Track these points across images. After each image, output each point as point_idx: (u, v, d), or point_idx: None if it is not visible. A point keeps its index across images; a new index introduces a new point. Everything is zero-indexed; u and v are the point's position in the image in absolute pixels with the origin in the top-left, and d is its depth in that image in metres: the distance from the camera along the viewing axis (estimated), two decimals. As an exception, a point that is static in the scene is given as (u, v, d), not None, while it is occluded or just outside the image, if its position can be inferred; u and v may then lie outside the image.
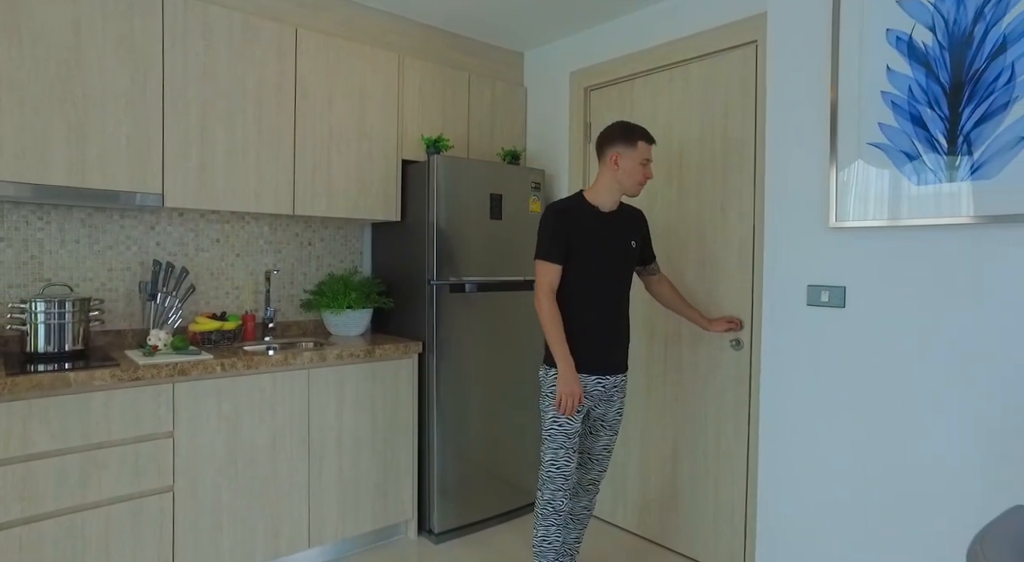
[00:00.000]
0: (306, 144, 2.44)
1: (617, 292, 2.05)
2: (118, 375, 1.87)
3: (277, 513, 2.21)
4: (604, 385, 2.05)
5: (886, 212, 1.69)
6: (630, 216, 2.12)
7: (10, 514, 1.72)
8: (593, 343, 2.01)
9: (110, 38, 2.01)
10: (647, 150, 2.01)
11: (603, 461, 2.16)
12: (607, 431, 2.13)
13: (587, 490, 2.19)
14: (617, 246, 2.03)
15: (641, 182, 2.03)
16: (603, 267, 2.01)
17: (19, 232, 2.14)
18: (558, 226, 1.97)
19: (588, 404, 2.04)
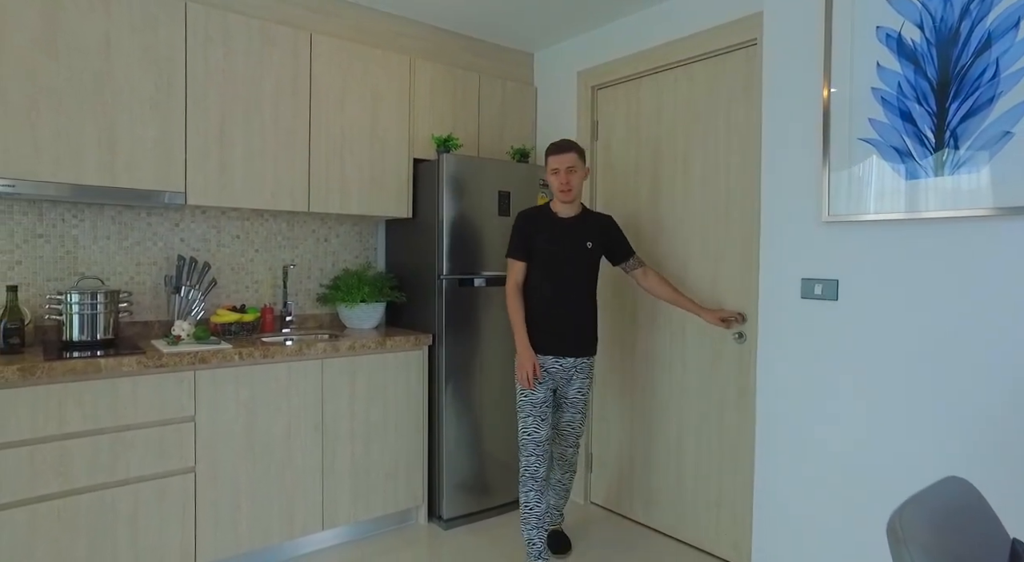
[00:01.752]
0: (320, 144, 2.55)
1: (574, 286, 2.30)
2: (144, 362, 2.00)
3: (292, 496, 2.32)
4: (563, 365, 2.29)
5: (877, 206, 1.73)
6: (593, 221, 2.36)
7: (50, 487, 1.85)
8: (549, 328, 2.29)
9: (137, 48, 2.14)
10: (554, 161, 2.26)
11: (568, 437, 2.39)
12: (570, 408, 2.36)
13: (558, 465, 2.43)
14: (572, 247, 2.29)
15: (559, 189, 2.26)
16: (559, 264, 2.29)
17: (56, 229, 2.28)
18: (523, 229, 2.31)
19: (548, 378, 2.29)
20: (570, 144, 2.27)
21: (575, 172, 2.26)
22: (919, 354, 1.71)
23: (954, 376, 1.65)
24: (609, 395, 2.94)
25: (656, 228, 2.71)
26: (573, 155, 2.25)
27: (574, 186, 2.26)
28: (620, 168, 2.88)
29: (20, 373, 1.80)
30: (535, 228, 2.31)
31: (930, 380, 1.70)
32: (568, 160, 2.24)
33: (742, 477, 2.36)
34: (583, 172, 2.29)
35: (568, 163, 2.24)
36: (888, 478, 1.80)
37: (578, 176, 2.27)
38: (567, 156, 2.25)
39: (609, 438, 2.93)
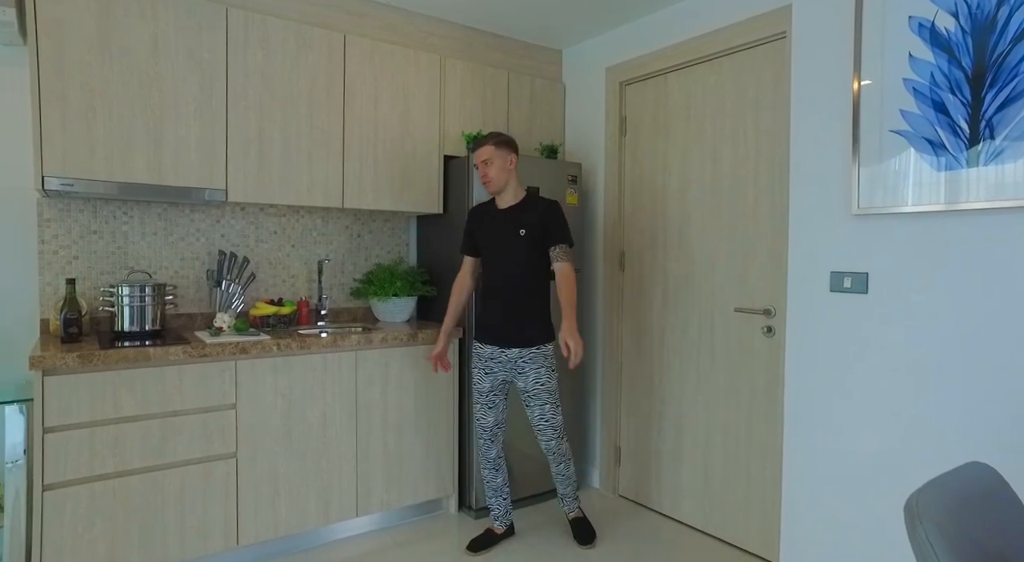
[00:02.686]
0: (354, 142, 2.62)
1: (510, 276, 2.33)
2: (189, 352, 2.10)
3: (328, 483, 2.41)
4: (508, 356, 2.33)
5: (908, 198, 1.71)
6: (530, 208, 2.34)
7: (106, 467, 1.97)
8: (488, 318, 2.38)
9: (182, 51, 2.24)
10: (475, 156, 2.35)
11: (544, 431, 2.37)
12: (534, 401, 2.34)
13: (551, 457, 2.42)
14: (505, 236, 2.32)
15: (481, 182, 2.35)
16: (494, 255, 2.35)
17: (108, 225, 2.41)
18: (467, 224, 2.47)
19: (495, 369, 2.36)
20: (487, 137, 2.32)
21: (491, 164, 2.30)
22: (951, 346, 1.69)
23: (986, 369, 1.63)
24: (637, 388, 2.95)
25: (685, 223, 2.71)
26: (488, 147, 2.30)
27: (492, 177, 2.30)
28: (648, 163, 2.89)
29: (80, 360, 1.91)
30: (477, 222, 2.41)
31: (961, 373, 1.68)
32: (483, 154, 2.31)
33: (771, 471, 2.35)
34: (503, 162, 2.31)
35: (483, 156, 2.31)
36: (918, 472, 1.78)
37: (495, 167, 2.30)
38: (481, 150, 2.32)
39: (637, 430, 2.95)
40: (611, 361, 3.05)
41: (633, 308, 2.97)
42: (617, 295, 3.04)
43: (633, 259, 2.98)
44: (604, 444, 3.09)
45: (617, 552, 2.46)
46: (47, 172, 2.02)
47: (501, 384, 2.38)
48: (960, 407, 1.68)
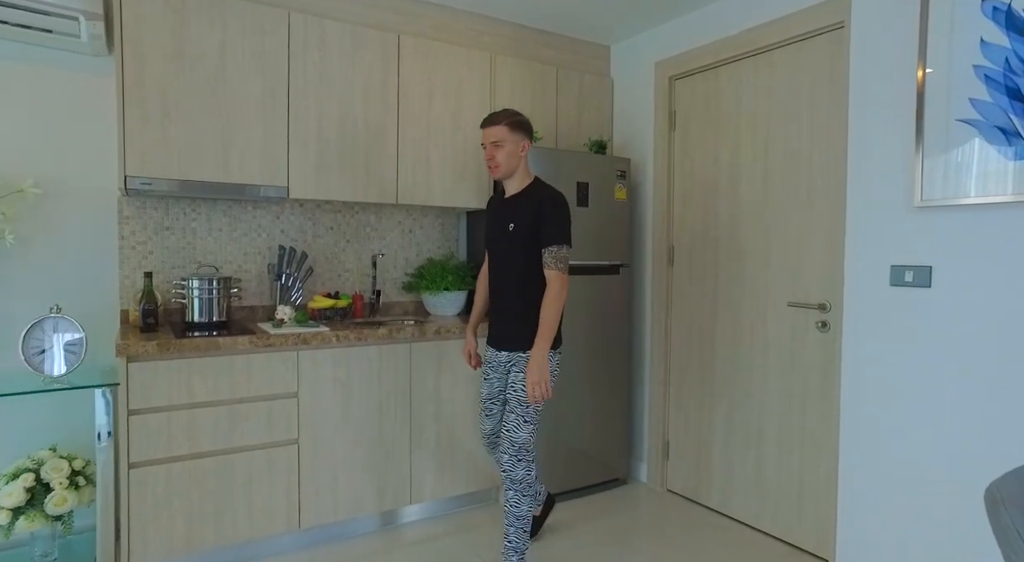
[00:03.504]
0: (407, 139, 2.69)
1: (504, 272, 2.13)
2: (255, 342, 2.20)
3: (383, 470, 2.49)
4: (499, 359, 2.18)
5: (978, 189, 1.67)
6: (526, 199, 2.06)
7: (182, 449, 2.09)
8: (489, 318, 2.25)
9: (247, 55, 2.34)
10: (483, 135, 2.09)
11: (501, 443, 2.08)
12: (507, 409, 2.11)
13: (502, 477, 2.13)
14: (500, 229, 2.13)
15: (486, 164, 2.11)
16: (492, 248, 2.20)
17: (179, 222, 2.54)
18: (485, 215, 2.27)
19: (491, 373, 2.22)
20: (499, 116, 2.04)
21: (501, 147, 2.02)
22: (1019, 340, 1.65)
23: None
24: (686, 382, 2.94)
25: (735, 216, 2.69)
26: (501, 127, 2.02)
27: (501, 162, 2.03)
28: (698, 157, 2.87)
29: (158, 348, 2.03)
30: (487, 211, 2.29)
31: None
32: (494, 133, 2.02)
33: (826, 468, 2.32)
34: (515, 147, 2.03)
35: (494, 136, 2.02)
36: (983, 470, 1.74)
37: (505, 152, 2.02)
38: (493, 129, 2.03)
39: (686, 425, 2.94)
40: (659, 356, 3.05)
41: (682, 303, 2.96)
42: (666, 290, 3.03)
43: (682, 253, 2.97)
44: (652, 439, 3.09)
45: (667, 546, 2.47)
46: (129, 172, 2.15)
47: (498, 391, 2.22)
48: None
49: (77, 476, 2.11)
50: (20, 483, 1.98)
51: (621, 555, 2.39)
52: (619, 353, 3.04)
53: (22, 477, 2.00)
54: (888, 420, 1.98)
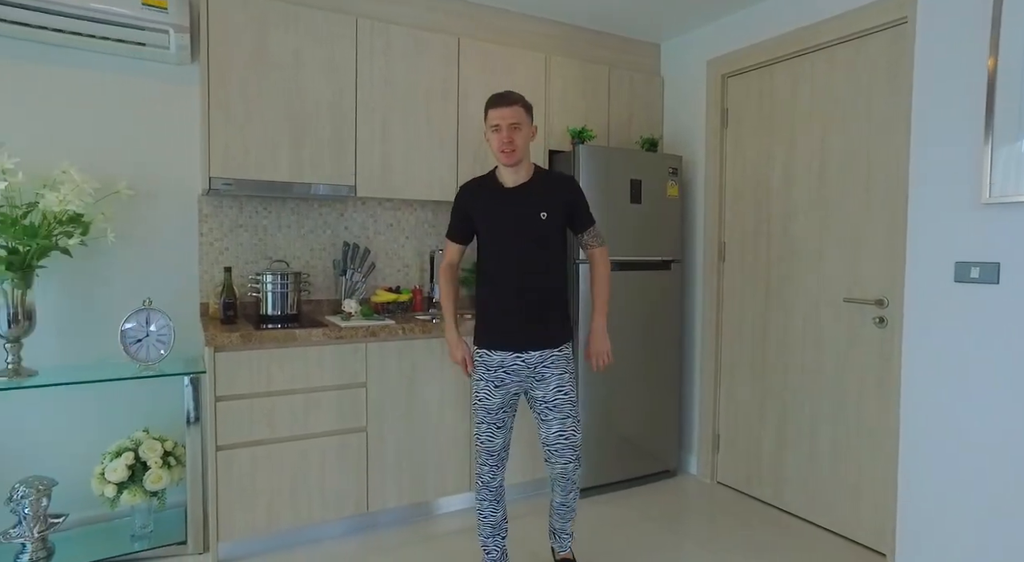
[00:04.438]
0: (467, 139, 2.78)
1: (529, 266, 1.95)
2: (328, 334, 2.32)
3: (444, 458, 2.59)
4: (526, 361, 1.96)
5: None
6: (547, 186, 1.98)
7: (262, 434, 2.22)
8: (501, 318, 1.97)
9: (318, 60, 2.46)
10: (495, 115, 1.90)
11: (563, 452, 1.97)
12: (556, 414, 1.97)
13: (558, 485, 2.04)
14: (521, 219, 1.94)
15: (499, 149, 1.91)
16: (506, 242, 1.96)
17: (252, 220, 2.68)
18: (457, 204, 2.07)
19: (508, 379, 1.98)
20: (515, 96, 1.92)
21: (519, 130, 1.89)
22: (1095, 339, 1.66)
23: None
24: (737, 375, 2.98)
25: (790, 213, 2.72)
26: (518, 109, 1.90)
27: (519, 146, 1.89)
28: (751, 155, 2.90)
29: (241, 339, 2.16)
30: (475, 203, 2.01)
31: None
32: (512, 114, 1.88)
33: (884, 463, 2.35)
34: (530, 130, 1.94)
35: (512, 118, 1.88)
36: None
37: (523, 135, 1.90)
38: (511, 110, 1.88)
39: (737, 418, 2.99)
40: (710, 350, 3.09)
41: (733, 298, 3.00)
42: (717, 285, 3.07)
43: (734, 249, 3.00)
44: (702, 431, 3.14)
45: (720, 537, 2.53)
46: (213, 174, 2.28)
47: (512, 399, 2.01)
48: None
49: (168, 456, 2.26)
50: (123, 461, 2.14)
51: (675, 545, 2.45)
52: (670, 347, 3.09)
53: (124, 456, 2.16)
54: (950, 417, 2.00)
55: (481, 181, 2.05)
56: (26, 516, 2.04)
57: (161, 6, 2.20)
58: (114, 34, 2.17)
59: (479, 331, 2.04)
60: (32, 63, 2.28)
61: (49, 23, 2.06)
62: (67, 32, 2.12)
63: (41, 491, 2.06)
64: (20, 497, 2.03)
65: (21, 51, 2.25)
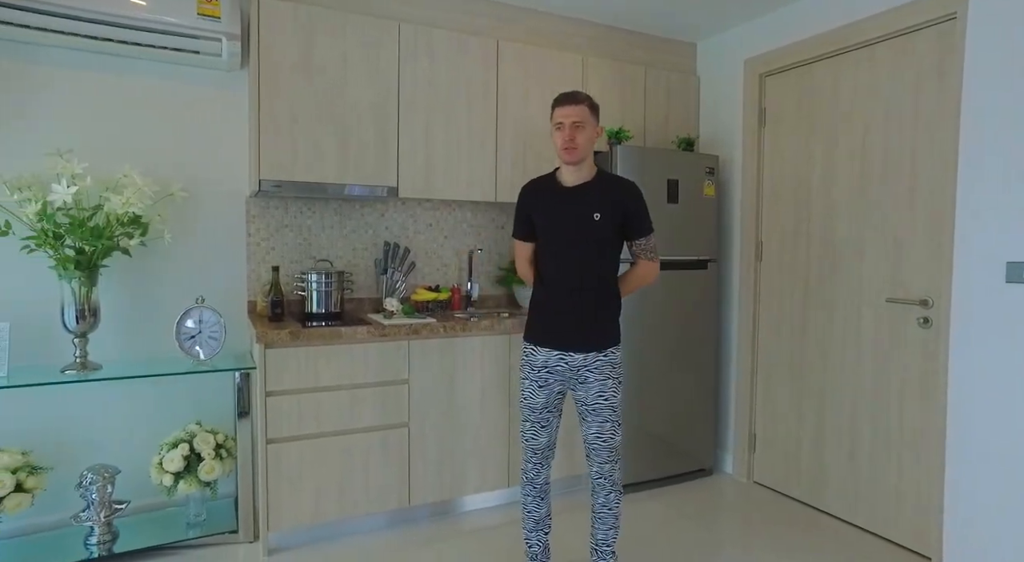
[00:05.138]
0: (506, 139, 2.82)
1: (580, 266, 1.95)
2: (372, 332, 2.39)
3: (484, 454, 2.64)
4: (569, 363, 1.96)
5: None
6: (605, 188, 1.97)
7: (310, 429, 2.30)
8: (549, 317, 1.99)
9: (363, 64, 2.52)
10: (559, 113, 1.91)
11: (600, 452, 1.99)
12: (594, 417, 1.98)
13: (598, 484, 2.04)
14: (575, 220, 1.94)
15: (561, 147, 1.92)
16: (560, 242, 1.97)
17: (296, 220, 2.76)
18: (520, 204, 2.09)
19: (552, 379, 1.99)
20: (582, 95, 1.93)
21: (582, 129, 1.89)
22: None
23: None
24: (774, 374, 2.97)
25: (829, 212, 2.70)
26: (583, 108, 1.90)
27: (580, 144, 1.89)
28: (790, 154, 2.89)
29: (290, 336, 2.24)
30: (536, 201, 2.03)
31: None
32: (576, 113, 1.89)
33: (927, 466, 2.32)
34: (594, 131, 1.94)
35: (575, 116, 1.88)
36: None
37: (586, 134, 1.90)
38: (575, 108, 1.89)
39: (774, 418, 2.98)
40: (746, 349, 3.09)
41: (771, 297, 2.99)
42: (754, 284, 3.06)
43: (771, 249, 2.99)
44: (738, 431, 3.14)
45: (758, 537, 2.53)
46: (263, 176, 2.36)
47: (556, 398, 2.04)
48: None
49: (220, 448, 2.35)
50: (179, 452, 2.24)
51: (714, 544, 2.46)
52: (706, 346, 3.09)
53: (180, 447, 2.25)
54: (1001, 418, 1.97)
55: (542, 180, 2.07)
56: (93, 501, 2.15)
57: (215, 15, 2.29)
58: (172, 43, 2.26)
59: (529, 326, 2.07)
60: (96, 73, 2.38)
61: (115, 35, 2.16)
62: (130, 43, 2.22)
63: (106, 478, 2.17)
64: (88, 483, 2.14)
65: (87, 62, 2.36)
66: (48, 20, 2.07)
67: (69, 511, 2.32)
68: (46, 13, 2.05)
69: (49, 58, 2.31)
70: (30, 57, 2.28)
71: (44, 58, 2.30)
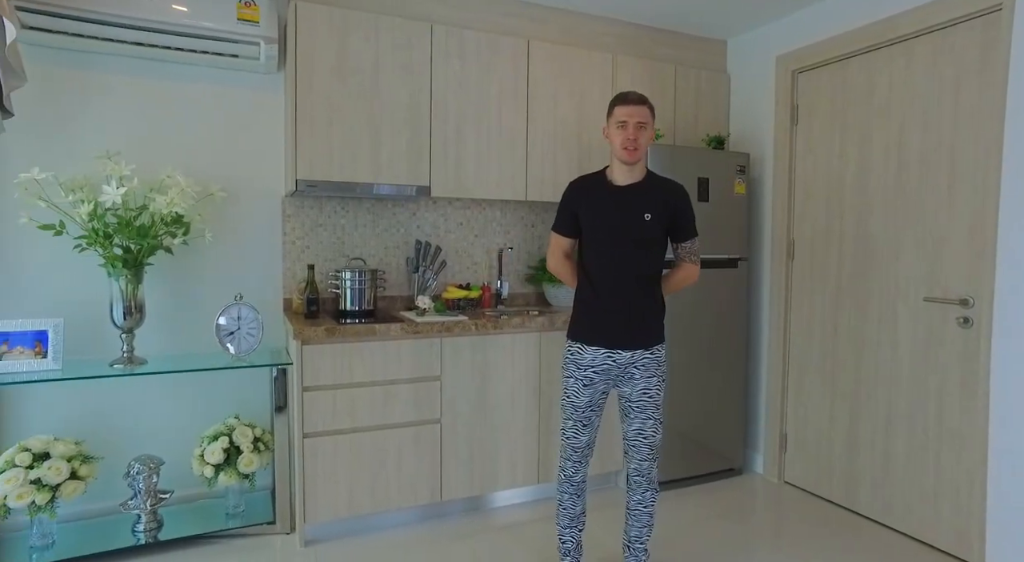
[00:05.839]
0: (536, 139, 2.84)
1: (629, 265, 1.97)
2: (405, 329, 2.43)
3: (514, 450, 2.66)
4: (616, 360, 1.98)
5: None
6: (655, 189, 1.99)
7: (344, 424, 2.34)
8: (596, 314, 2.00)
9: (396, 66, 2.56)
10: (623, 112, 1.93)
11: (640, 449, 2.02)
12: (638, 414, 2.00)
13: (635, 482, 2.06)
14: (625, 219, 1.96)
15: (622, 146, 1.92)
16: (609, 240, 1.98)
17: (330, 219, 2.82)
18: (566, 199, 2.08)
19: (597, 378, 2.00)
20: (643, 96, 1.96)
21: (645, 129, 1.92)
22: None
23: None
24: (806, 374, 2.94)
25: (864, 210, 2.66)
26: (645, 109, 1.93)
27: (642, 145, 1.92)
28: (822, 152, 2.85)
29: (326, 332, 2.29)
30: (584, 199, 2.03)
31: None
32: (640, 113, 1.91)
33: (967, 467, 2.28)
34: (651, 133, 1.97)
35: (640, 117, 1.91)
36: None
37: (647, 135, 1.93)
38: (640, 108, 1.92)
39: (806, 417, 2.95)
40: (777, 348, 3.06)
41: (803, 296, 2.96)
42: (785, 283, 3.03)
43: (803, 247, 2.96)
44: (769, 430, 3.11)
45: (791, 538, 2.51)
46: (300, 176, 2.42)
47: (600, 398, 2.04)
48: None
49: (258, 442, 2.41)
50: (219, 444, 2.30)
51: (746, 545, 2.45)
52: (736, 345, 3.07)
53: (220, 440, 2.32)
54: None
55: (591, 178, 2.07)
56: (140, 490, 2.23)
57: (254, 20, 2.35)
58: (213, 48, 2.33)
59: (574, 325, 2.07)
60: (141, 78, 2.46)
61: (160, 41, 2.24)
62: (174, 49, 2.29)
63: (152, 468, 2.25)
64: (136, 473, 2.22)
65: (133, 68, 2.44)
66: (99, 29, 2.15)
67: (116, 499, 2.41)
68: (97, 22, 2.13)
69: (99, 65, 2.40)
70: (82, 64, 2.37)
71: (95, 65, 2.39)
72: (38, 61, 2.31)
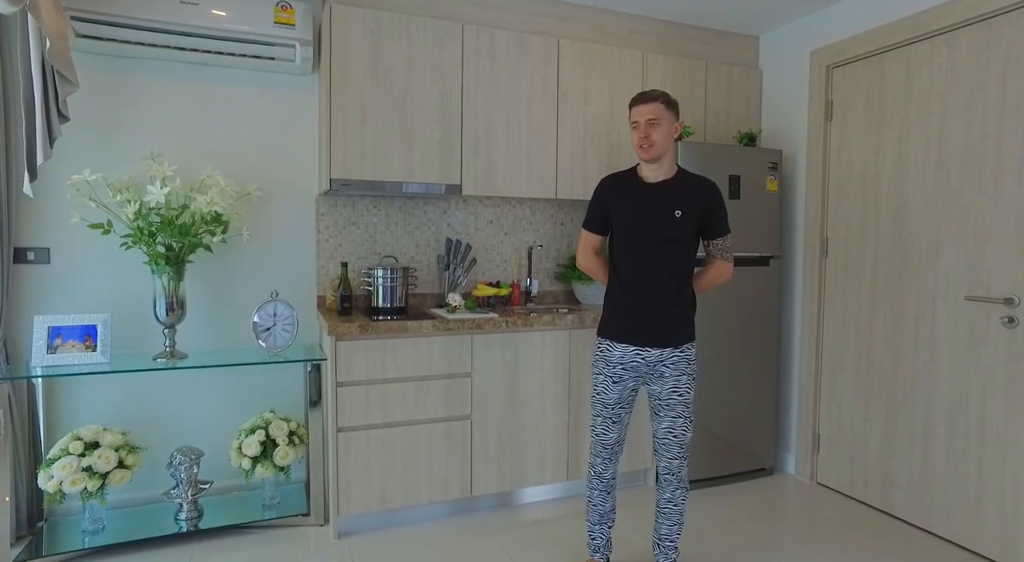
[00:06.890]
0: (566, 137, 2.85)
1: (659, 263, 1.96)
2: (437, 326, 2.45)
3: (543, 447, 2.67)
4: (645, 358, 1.98)
5: None
6: (686, 186, 1.99)
7: (376, 419, 2.38)
8: (625, 311, 2.01)
9: (428, 66, 2.59)
10: (635, 112, 1.96)
11: (671, 448, 2.01)
12: (667, 413, 2.00)
13: (665, 480, 2.06)
14: (655, 216, 1.96)
15: (637, 145, 1.96)
16: (639, 238, 1.98)
17: (363, 217, 2.86)
18: (597, 196, 2.09)
19: (626, 375, 2.01)
20: (657, 93, 1.95)
21: (658, 126, 1.92)
22: None
23: None
24: (840, 374, 2.89)
25: (901, 207, 2.61)
26: (657, 105, 1.93)
27: (656, 141, 1.92)
28: (858, 147, 2.80)
29: (360, 329, 2.33)
30: (615, 196, 2.04)
31: None
32: (650, 110, 1.92)
33: (1012, 472, 2.22)
34: (671, 127, 1.95)
35: (649, 114, 1.92)
36: None
37: (662, 131, 1.92)
38: (649, 106, 1.93)
39: (840, 418, 2.90)
40: (810, 348, 3.02)
41: (836, 295, 2.91)
42: (818, 281, 2.99)
43: (837, 245, 2.91)
44: (801, 431, 3.07)
45: (826, 541, 2.47)
46: (334, 175, 2.46)
47: (630, 395, 2.05)
48: None
49: (293, 435, 2.47)
50: (256, 437, 2.37)
51: (779, 546, 2.42)
52: (768, 344, 3.04)
53: (257, 433, 2.38)
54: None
55: (622, 175, 2.08)
56: (182, 480, 2.30)
57: (290, 23, 2.40)
58: (251, 51, 2.39)
59: (604, 322, 2.08)
60: (182, 81, 2.54)
61: (200, 46, 2.31)
62: (213, 53, 2.36)
63: (193, 459, 2.32)
64: (177, 464, 2.30)
65: (175, 72, 2.52)
66: (146, 35, 2.23)
67: (159, 488, 2.49)
68: (144, 28, 2.21)
69: (142, 70, 2.48)
70: (127, 69, 2.46)
71: (138, 70, 2.48)
72: (88, 68, 2.40)
